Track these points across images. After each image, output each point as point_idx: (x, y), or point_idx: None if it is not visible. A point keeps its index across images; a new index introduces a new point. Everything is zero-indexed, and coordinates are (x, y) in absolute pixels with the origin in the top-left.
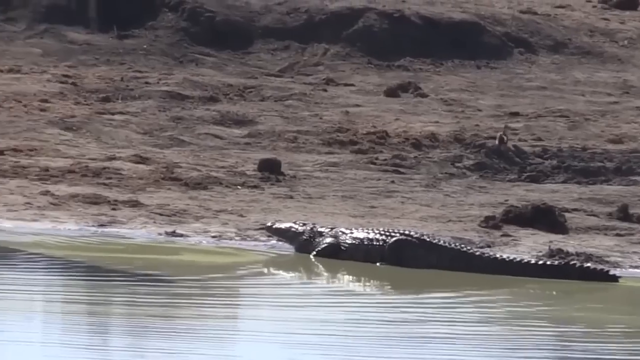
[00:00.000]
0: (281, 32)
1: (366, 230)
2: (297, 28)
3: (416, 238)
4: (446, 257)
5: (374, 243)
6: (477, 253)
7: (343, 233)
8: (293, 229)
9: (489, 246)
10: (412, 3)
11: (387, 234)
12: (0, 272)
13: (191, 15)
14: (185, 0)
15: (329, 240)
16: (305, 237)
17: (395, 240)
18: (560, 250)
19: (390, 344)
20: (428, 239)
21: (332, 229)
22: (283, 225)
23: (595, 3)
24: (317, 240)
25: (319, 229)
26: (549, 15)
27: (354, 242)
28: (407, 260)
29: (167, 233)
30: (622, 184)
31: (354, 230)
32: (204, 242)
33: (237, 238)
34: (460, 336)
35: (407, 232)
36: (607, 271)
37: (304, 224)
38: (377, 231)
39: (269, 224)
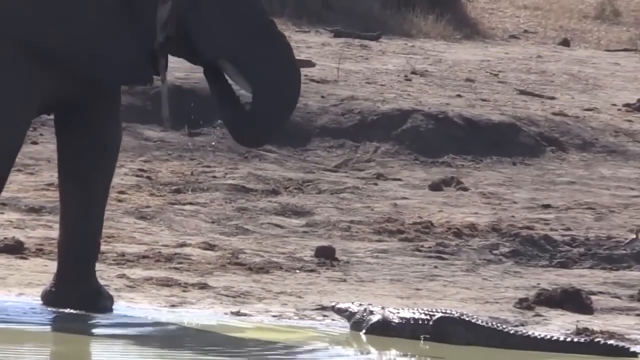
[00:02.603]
0: (336, 132)
1: (412, 310)
2: (351, 128)
3: (457, 317)
4: (483, 335)
5: (419, 322)
6: (511, 331)
7: (391, 312)
8: (350, 309)
9: (522, 325)
10: (455, 105)
11: (431, 313)
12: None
13: None
14: (250, 101)
15: (377, 318)
16: (358, 316)
17: (438, 318)
18: (586, 329)
19: None
20: (467, 318)
21: (382, 308)
22: (343, 306)
23: (619, 107)
24: (368, 318)
25: (371, 309)
26: (578, 117)
27: (401, 320)
28: (448, 337)
29: (232, 313)
30: None
31: (401, 310)
32: (265, 321)
33: (295, 317)
34: None
35: (448, 312)
36: (628, 348)
37: (360, 305)
38: (421, 311)
39: (332, 304)
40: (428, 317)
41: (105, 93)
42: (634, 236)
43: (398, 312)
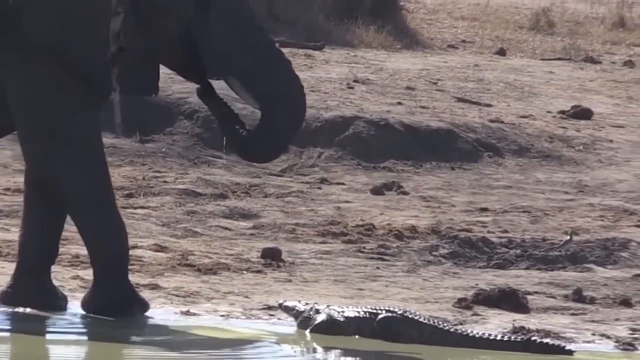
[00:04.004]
0: None
1: (356, 309)
2: None
3: (400, 314)
4: (425, 333)
5: (363, 320)
6: (452, 329)
7: (336, 311)
8: (297, 308)
9: (461, 324)
10: (395, 113)
11: (375, 311)
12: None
13: (204, 122)
14: (198, 109)
15: (322, 317)
16: (305, 315)
17: (383, 317)
18: (522, 328)
19: None
20: (410, 316)
21: (328, 307)
22: (290, 304)
23: (554, 113)
24: (314, 317)
25: (317, 308)
26: (514, 124)
27: (345, 319)
28: (392, 335)
29: (182, 312)
30: (576, 270)
31: (346, 309)
32: (213, 320)
33: (242, 317)
34: None
35: (392, 309)
36: (564, 346)
37: (307, 304)
38: (365, 309)
39: (280, 301)
40: (373, 315)
41: None
42: (568, 238)
43: (343, 311)
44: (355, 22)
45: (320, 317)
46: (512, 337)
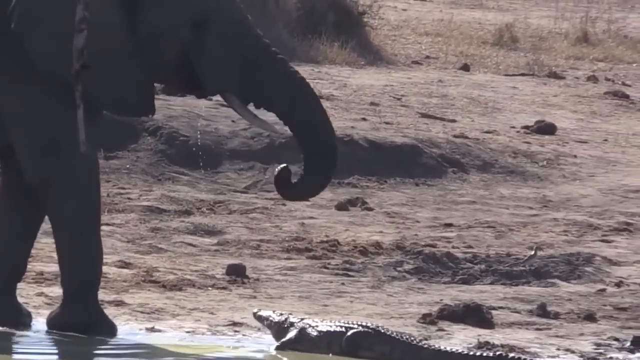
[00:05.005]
0: (246, 154)
1: (329, 323)
2: (260, 150)
3: (372, 329)
4: (398, 349)
5: (334, 335)
6: (425, 345)
7: (309, 325)
8: (271, 318)
9: (426, 339)
10: (359, 129)
11: (347, 326)
12: None
13: (168, 139)
14: (162, 126)
15: (292, 333)
16: (280, 327)
17: (353, 333)
18: (487, 343)
19: None
20: (382, 331)
21: (301, 320)
22: (264, 314)
23: (518, 129)
24: (288, 329)
25: (291, 320)
26: (478, 139)
27: (317, 334)
28: (363, 350)
29: (147, 329)
30: (540, 285)
31: (319, 323)
32: (178, 336)
33: (208, 333)
34: None
35: (364, 324)
36: None
37: (281, 314)
38: (338, 323)
39: (254, 310)
40: (344, 330)
41: None
42: (533, 253)
43: (315, 325)
44: (319, 38)
45: (292, 331)
46: (484, 353)
